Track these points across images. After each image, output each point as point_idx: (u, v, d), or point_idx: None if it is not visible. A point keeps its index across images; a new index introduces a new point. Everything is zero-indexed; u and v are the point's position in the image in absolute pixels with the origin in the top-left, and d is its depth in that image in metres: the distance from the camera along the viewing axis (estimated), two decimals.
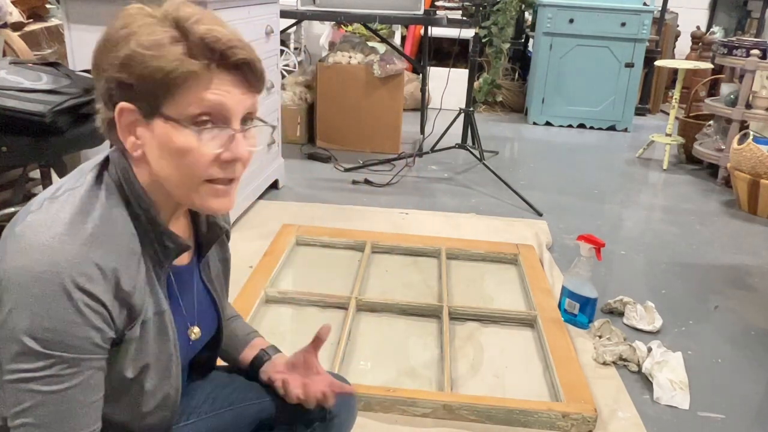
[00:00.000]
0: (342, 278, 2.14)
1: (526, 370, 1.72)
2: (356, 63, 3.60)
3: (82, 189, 0.76)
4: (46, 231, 0.70)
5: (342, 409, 1.10)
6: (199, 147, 0.74)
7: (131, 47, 0.71)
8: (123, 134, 0.76)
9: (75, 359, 0.70)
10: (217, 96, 0.73)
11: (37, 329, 0.68)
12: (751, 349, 1.92)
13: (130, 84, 0.72)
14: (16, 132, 1.66)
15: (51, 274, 0.68)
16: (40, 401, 0.70)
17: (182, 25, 0.72)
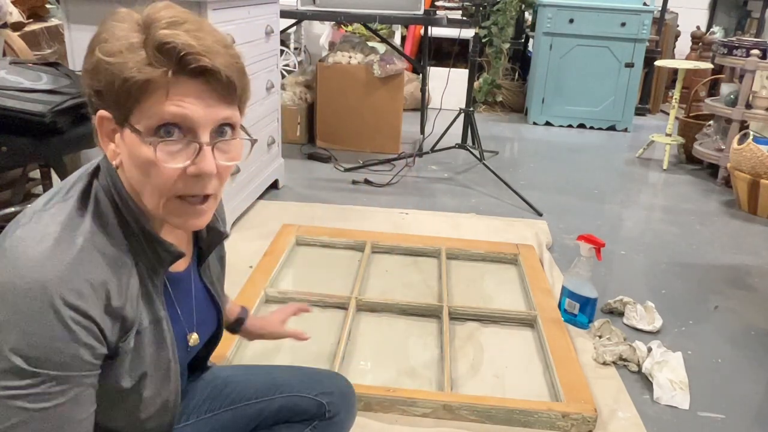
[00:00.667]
0: (342, 278, 2.14)
1: (526, 370, 1.72)
2: (356, 63, 3.60)
3: (71, 201, 0.74)
4: (35, 246, 0.68)
5: (342, 408, 1.10)
6: (158, 161, 0.70)
7: (98, 54, 0.69)
8: (104, 142, 0.75)
9: (63, 377, 0.68)
10: (177, 108, 0.69)
11: (24, 347, 0.66)
12: (751, 349, 1.92)
13: (100, 91, 0.71)
14: (16, 132, 1.66)
15: (39, 290, 0.66)
16: (27, 418, 0.68)
17: (148, 30, 0.69)
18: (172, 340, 0.86)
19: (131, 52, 0.68)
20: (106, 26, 0.72)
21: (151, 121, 0.69)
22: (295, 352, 1.74)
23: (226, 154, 0.75)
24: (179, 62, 0.68)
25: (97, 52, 0.70)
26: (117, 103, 0.70)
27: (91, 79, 0.71)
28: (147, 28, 0.69)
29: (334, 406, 1.08)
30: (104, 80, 0.69)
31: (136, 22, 0.71)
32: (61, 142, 1.72)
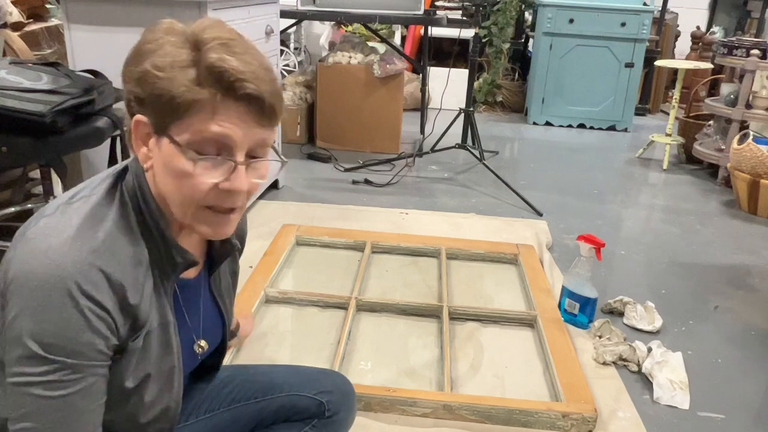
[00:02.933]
0: (342, 278, 2.14)
1: (526, 370, 1.72)
2: (356, 63, 3.60)
3: (96, 197, 0.76)
4: (57, 236, 0.70)
5: (341, 407, 1.10)
6: (196, 174, 0.73)
7: (146, 66, 0.71)
8: (137, 144, 0.77)
9: (78, 365, 0.70)
10: (221, 128, 0.71)
11: (42, 334, 0.68)
12: (751, 349, 1.92)
13: (142, 98, 0.73)
14: (16, 132, 1.66)
15: (57, 279, 0.68)
16: (41, 406, 0.69)
17: (199, 49, 0.71)
18: (177, 346, 0.86)
19: (181, 69, 0.70)
20: (154, 36, 0.74)
21: (193, 136, 0.72)
22: (294, 352, 1.74)
23: (257, 171, 0.78)
24: (228, 87, 0.70)
25: (146, 63, 0.71)
26: (158, 114, 0.72)
27: (135, 86, 0.73)
28: (197, 48, 0.71)
29: (333, 405, 1.08)
30: (149, 91, 0.71)
31: (186, 38, 0.72)
32: (61, 142, 1.72)
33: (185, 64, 0.70)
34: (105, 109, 1.87)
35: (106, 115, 1.85)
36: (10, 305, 0.70)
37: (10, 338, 0.69)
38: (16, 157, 1.72)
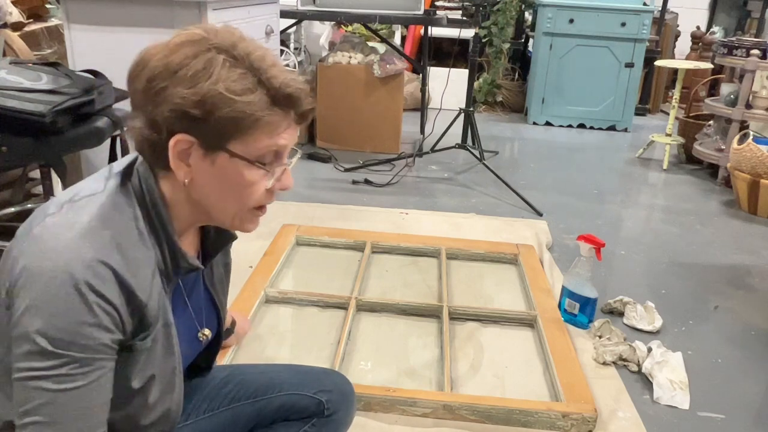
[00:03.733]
0: (342, 278, 2.14)
1: (526, 370, 1.72)
2: (356, 63, 3.60)
3: (103, 196, 0.77)
4: (65, 233, 0.71)
5: (341, 406, 1.10)
6: (257, 182, 0.79)
7: (218, 89, 0.73)
8: (174, 161, 0.77)
9: (86, 359, 0.71)
10: (285, 141, 0.79)
11: (50, 329, 0.69)
12: (751, 349, 1.92)
13: (200, 119, 0.73)
14: (16, 132, 1.66)
15: (66, 275, 0.69)
16: (49, 399, 0.70)
17: (258, 71, 0.75)
18: (178, 348, 0.87)
19: (252, 92, 0.74)
20: (206, 56, 0.74)
21: (260, 150, 0.77)
22: (294, 352, 1.74)
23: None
24: (294, 105, 0.78)
25: (220, 87, 0.73)
26: (219, 132, 0.75)
27: (193, 107, 0.73)
28: (254, 69, 0.75)
29: (333, 404, 1.08)
30: (217, 112, 0.73)
31: (232, 56, 0.74)
32: (61, 142, 1.72)
33: (253, 86, 0.74)
34: (105, 109, 1.87)
35: (106, 115, 1.85)
36: (17, 302, 0.70)
37: (18, 334, 0.70)
38: (16, 157, 1.72)
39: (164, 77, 0.74)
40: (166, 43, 0.77)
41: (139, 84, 0.76)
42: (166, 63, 0.74)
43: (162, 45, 0.77)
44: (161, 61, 0.74)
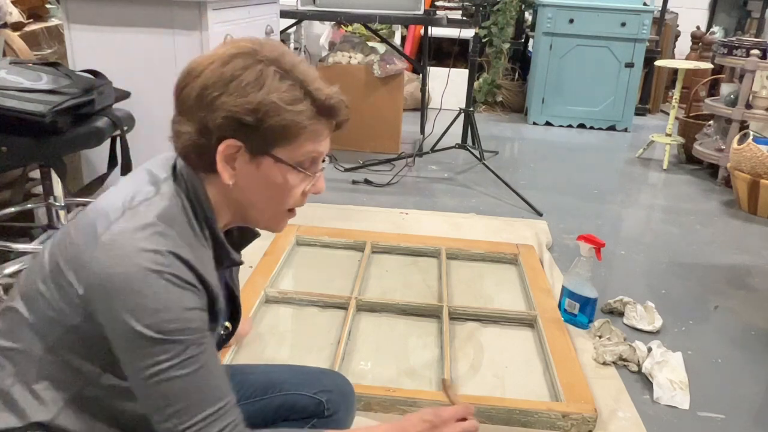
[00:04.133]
0: (342, 278, 2.14)
1: (526, 370, 1.72)
2: (356, 63, 3.60)
3: (160, 199, 0.81)
4: (137, 236, 0.76)
5: (341, 406, 1.10)
6: (296, 185, 0.86)
7: (271, 98, 0.79)
8: (221, 164, 0.82)
9: (198, 339, 0.77)
10: (324, 148, 0.87)
11: (161, 322, 0.74)
12: (751, 349, 1.92)
13: (251, 126, 0.79)
14: (16, 132, 1.66)
15: (153, 273, 0.74)
16: (183, 384, 0.75)
17: (304, 83, 0.81)
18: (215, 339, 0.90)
19: (301, 102, 0.81)
20: (258, 68, 0.79)
21: (302, 156, 0.84)
22: (294, 352, 1.74)
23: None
24: (336, 117, 0.86)
25: (273, 96, 0.79)
26: (268, 138, 0.81)
27: (247, 114, 0.78)
28: (301, 81, 0.81)
29: (333, 404, 1.09)
30: (268, 120, 0.79)
31: (282, 69, 0.80)
32: (61, 142, 1.72)
33: (301, 97, 0.81)
34: (105, 109, 1.87)
35: (106, 115, 1.84)
36: (114, 308, 0.74)
37: (132, 337, 0.74)
38: (16, 157, 1.72)
39: (219, 87, 0.79)
40: (216, 54, 0.81)
41: (192, 92, 0.80)
42: (221, 73, 0.79)
43: (213, 56, 0.81)
44: (215, 71, 0.79)
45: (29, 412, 0.80)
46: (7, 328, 0.83)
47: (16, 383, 0.81)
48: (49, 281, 0.80)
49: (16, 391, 0.81)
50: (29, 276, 0.84)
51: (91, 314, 0.77)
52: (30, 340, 0.81)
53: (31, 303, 0.81)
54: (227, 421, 0.79)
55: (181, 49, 2.05)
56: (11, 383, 0.81)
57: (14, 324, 0.82)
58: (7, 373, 0.81)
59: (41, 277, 0.81)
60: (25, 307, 0.82)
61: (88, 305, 0.77)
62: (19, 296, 0.84)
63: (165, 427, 0.77)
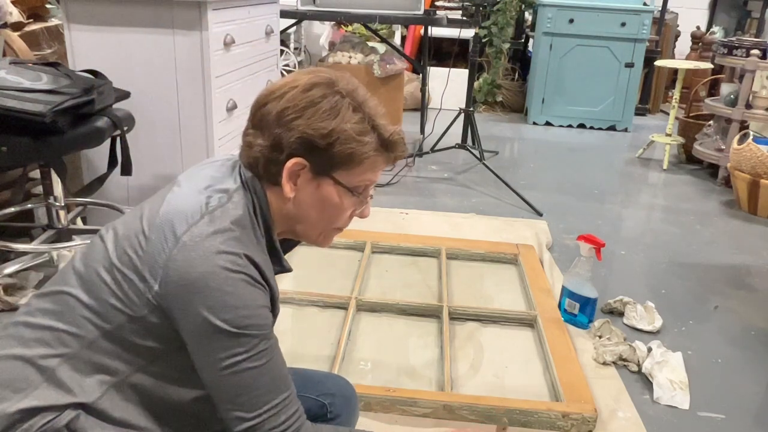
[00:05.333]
0: (342, 278, 2.14)
1: (526, 370, 1.72)
2: (356, 63, 3.60)
3: (233, 207, 0.87)
4: (216, 239, 0.82)
5: (344, 410, 1.10)
6: (347, 207, 0.94)
7: (345, 128, 0.87)
8: (287, 178, 0.89)
9: (267, 334, 0.84)
10: (377, 177, 0.95)
11: (239, 318, 0.80)
12: (751, 349, 1.92)
13: (321, 148, 0.87)
14: (16, 132, 1.66)
15: (232, 273, 0.80)
16: (255, 376, 0.82)
17: (372, 118, 0.90)
18: None
19: (368, 134, 0.89)
20: (337, 100, 0.88)
21: (359, 183, 0.92)
22: (295, 351, 1.74)
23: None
24: (395, 152, 0.93)
25: (347, 126, 0.87)
26: (332, 162, 0.89)
27: (320, 138, 0.86)
28: (369, 116, 0.89)
29: (335, 407, 1.09)
30: (337, 146, 0.87)
31: (354, 101, 0.89)
32: (61, 142, 1.72)
33: (368, 132, 0.89)
34: (105, 109, 1.87)
35: (106, 115, 1.84)
36: (195, 304, 0.80)
37: (210, 334, 0.80)
38: (16, 157, 1.72)
39: (298, 110, 0.87)
40: (297, 79, 0.90)
41: (273, 110, 0.88)
42: (301, 98, 0.87)
43: (295, 81, 0.89)
44: (297, 96, 0.87)
45: (73, 391, 0.83)
46: (59, 310, 0.86)
47: (63, 363, 0.84)
48: (115, 272, 0.84)
49: (63, 370, 0.84)
50: (87, 262, 0.87)
51: (164, 309, 0.82)
52: (84, 324, 0.84)
53: (92, 289, 0.85)
54: (292, 411, 0.85)
55: (181, 49, 2.05)
56: (58, 363, 0.84)
57: (67, 307, 0.85)
58: (56, 353, 0.84)
59: (104, 266, 0.85)
60: (83, 292, 0.85)
61: (163, 301, 0.82)
62: (76, 281, 0.87)
63: (235, 415, 0.82)
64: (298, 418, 0.87)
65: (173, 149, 2.16)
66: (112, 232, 0.89)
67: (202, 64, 2.06)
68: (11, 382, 0.83)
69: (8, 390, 0.83)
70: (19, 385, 0.83)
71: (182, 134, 2.14)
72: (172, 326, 0.83)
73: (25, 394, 0.82)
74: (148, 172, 2.18)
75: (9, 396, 0.82)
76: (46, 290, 0.89)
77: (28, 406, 0.82)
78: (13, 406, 0.81)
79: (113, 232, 0.88)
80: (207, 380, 0.84)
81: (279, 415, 0.84)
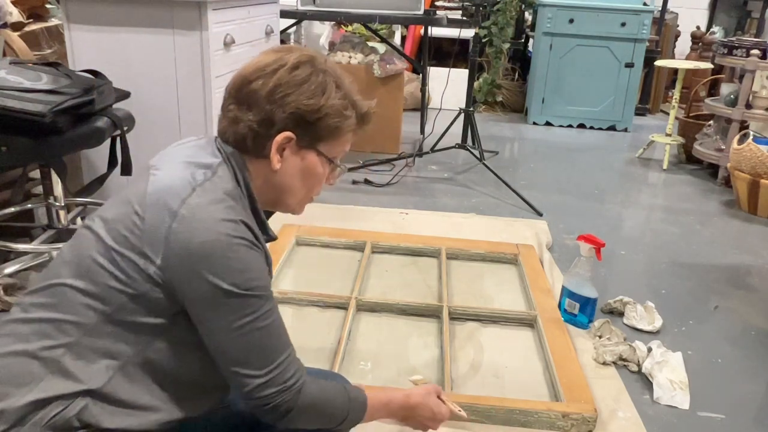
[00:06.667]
0: (342, 278, 2.14)
1: (526, 370, 1.72)
2: (356, 63, 3.60)
3: (223, 181, 0.90)
4: (213, 208, 0.85)
5: None
6: (324, 175, 1.01)
7: (331, 103, 0.94)
8: (274, 151, 0.95)
9: (270, 294, 0.90)
10: (349, 147, 1.03)
11: (246, 281, 0.85)
12: (751, 349, 1.92)
13: (310, 123, 0.94)
14: (16, 132, 1.66)
15: (233, 238, 0.84)
16: (263, 334, 0.87)
17: (349, 94, 0.98)
18: None
19: (348, 110, 0.97)
20: (317, 78, 0.94)
21: (337, 153, 1.01)
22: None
23: None
24: (369, 125, 1.03)
25: (333, 101, 0.94)
26: (318, 135, 0.96)
27: (311, 114, 0.93)
28: (348, 94, 0.97)
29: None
30: (324, 121, 0.95)
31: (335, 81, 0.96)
32: (61, 142, 1.72)
33: (351, 106, 0.98)
34: (105, 109, 1.87)
35: (106, 115, 1.84)
36: (190, 275, 0.83)
37: (212, 301, 0.84)
38: (16, 157, 1.72)
39: (291, 87, 0.92)
40: (283, 58, 0.94)
41: (263, 87, 0.92)
42: (291, 76, 0.93)
43: (279, 59, 0.94)
44: (288, 74, 0.93)
45: (80, 379, 0.84)
46: (55, 302, 0.87)
47: (67, 352, 0.85)
48: (113, 253, 0.86)
49: (67, 360, 0.85)
50: (79, 252, 0.89)
51: (167, 282, 0.85)
52: (83, 311, 0.86)
53: (88, 275, 0.87)
54: (297, 365, 0.92)
55: (181, 49, 2.05)
56: (62, 353, 0.85)
57: (63, 297, 0.87)
58: (58, 343, 0.85)
59: (98, 251, 0.87)
60: (78, 279, 0.87)
61: (166, 274, 0.84)
62: (69, 271, 0.88)
63: (245, 374, 0.87)
64: (303, 373, 0.93)
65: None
66: (98, 220, 0.90)
67: (202, 64, 2.06)
68: (13, 378, 0.84)
69: (10, 386, 0.83)
70: (22, 380, 0.83)
71: (182, 134, 2.14)
72: (174, 299, 0.86)
73: (30, 387, 0.83)
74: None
75: (13, 392, 0.83)
76: (36, 287, 0.90)
77: (36, 399, 0.82)
78: (20, 400, 0.82)
79: (100, 220, 0.90)
80: (216, 345, 0.87)
81: (288, 369, 0.90)
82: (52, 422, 0.82)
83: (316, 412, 0.95)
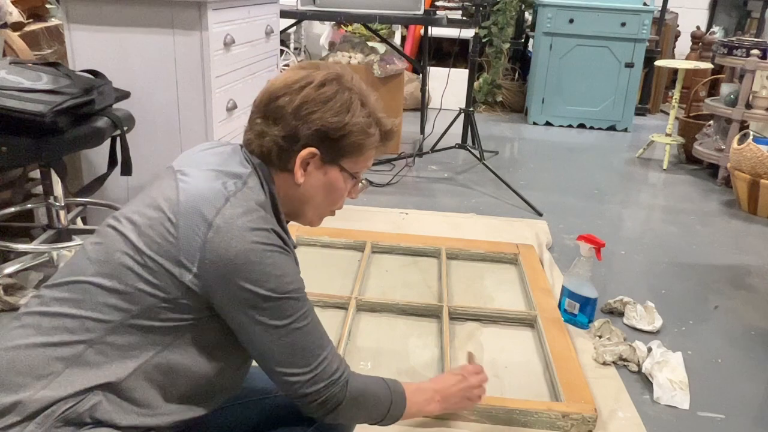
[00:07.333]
0: (342, 278, 2.14)
1: (526, 370, 1.72)
2: (356, 63, 3.60)
3: (253, 192, 0.92)
4: (247, 217, 0.88)
5: None
6: (346, 190, 1.05)
7: (355, 121, 0.97)
8: (299, 165, 0.97)
9: (305, 295, 0.93)
10: (371, 163, 1.07)
11: (284, 285, 0.88)
12: (751, 349, 1.92)
13: (334, 140, 0.97)
14: (16, 132, 1.66)
15: (270, 245, 0.87)
16: (304, 334, 0.91)
17: (374, 112, 1.01)
18: None
19: (372, 128, 1.00)
20: (352, 99, 0.98)
21: (359, 169, 1.04)
22: None
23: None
24: (391, 142, 1.07)
25: (357, 119, 0.97)
26: (341, 151, 0.99)
27: (335, 131, 0.96)
28: (372, 112, 1.00)
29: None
30: (348, 139, 0.98)
31: (361, 98, 0.99)
32: (61, 142, 1.72)
33: (373, 125, 1.00)
34: (105, 109, 1.87)
35: (106, 115, 1.84)
36: (227, 283, 0.85)
37: (251, 306, 0.87)
38: (16, 157, 1.72)
39: (316, 104, 0.95)
40: (308, 74, 0.97)
41: (289, 104, 0.95)
42: (319, 93, 0.96)
43: (307, 76, 0.97)
44: (314, 91, 0.96)
45: (99, 375, 0.85)
46: (79, 298, 0.87)
47: (88, 348, 0.85)
48: (145, 258, 0.86)
49: (88, 356, 0.85)
50: (106, 251, 0.89)
51: (202, 290, 0.86)
52: (107, 309, 0.86)
53: (116, 275, 0.87)
54: (339, 359, 0.97)
55: (181, 49, 2.05)
56: (83, 349, 0.85)
57: (88, 294, 0.87)
58: (79, 339, 0.85)
59: (128, 254, 0.87)
60: (105, 279, 0.87)
61: (202, 282, 0.86)
62: (95, 269, 0.88)
63: (291, 373, 0.91)
64: (347, 366, 0.97)
65: (173, 149, 2.16)
66: (126, 222, 0.90)
67: (202, 64, 2.06)
68: (33, 369, 0.84)
69: (29, 377, 0.83)
70: (41, 372, 0.84)
71: (182, 134, 2.14)
72: (204, 304, 0.88)
73: (49, 380, 0.83)
74: (148, 172, 2.18)
75: (32, 383, 0.83)
76: (58, 281, 0.90)
77: (53, 392, 0.83)
78: (38, 392, 0.82)
79: (128, 222, 0.90)
80: (258, 349, 0.90)
81: (332, 363, 0.94)
82: (63, 416, 0.82)
83: (363, 404, 0.99)
